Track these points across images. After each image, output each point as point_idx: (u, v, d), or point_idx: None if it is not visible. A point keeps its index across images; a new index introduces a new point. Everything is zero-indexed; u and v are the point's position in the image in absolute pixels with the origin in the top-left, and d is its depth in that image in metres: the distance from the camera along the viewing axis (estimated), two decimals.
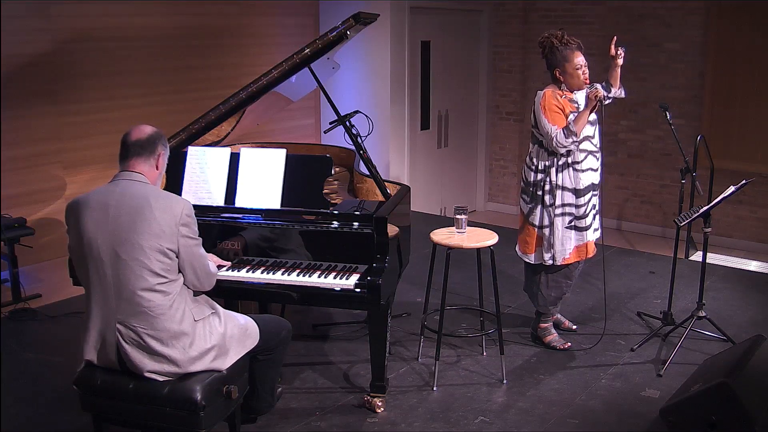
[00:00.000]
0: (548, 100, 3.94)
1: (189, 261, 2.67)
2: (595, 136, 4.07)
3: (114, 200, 2.61)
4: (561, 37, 3.96)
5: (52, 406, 3.52)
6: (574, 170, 3.97)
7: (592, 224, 4.10)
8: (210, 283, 2.80)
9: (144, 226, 2.56)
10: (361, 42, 6.58)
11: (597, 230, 4.18)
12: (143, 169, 2.71)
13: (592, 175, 4.05)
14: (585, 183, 3.99)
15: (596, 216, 4.16)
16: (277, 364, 3.17)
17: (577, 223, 4.01)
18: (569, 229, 4.00)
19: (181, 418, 2.63)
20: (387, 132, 6.90)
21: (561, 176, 3.98)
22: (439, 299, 3.77)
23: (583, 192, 4.00)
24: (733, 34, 6.36)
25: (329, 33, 3.52)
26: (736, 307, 4.85)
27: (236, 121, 4.01)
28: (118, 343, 2.61)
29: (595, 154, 4.07)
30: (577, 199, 3.99)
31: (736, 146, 6.45)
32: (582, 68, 3.95)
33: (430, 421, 3.39)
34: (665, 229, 7.06)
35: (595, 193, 4.10)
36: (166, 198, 2.64)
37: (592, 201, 4.07)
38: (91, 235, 2.59)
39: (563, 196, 3.98)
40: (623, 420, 3.44)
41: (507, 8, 7.77)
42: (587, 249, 4.08)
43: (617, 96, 4.23)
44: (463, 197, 7.98)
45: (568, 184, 3.98)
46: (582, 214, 4.01)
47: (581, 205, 4.00)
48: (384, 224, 3.22)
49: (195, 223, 2.69)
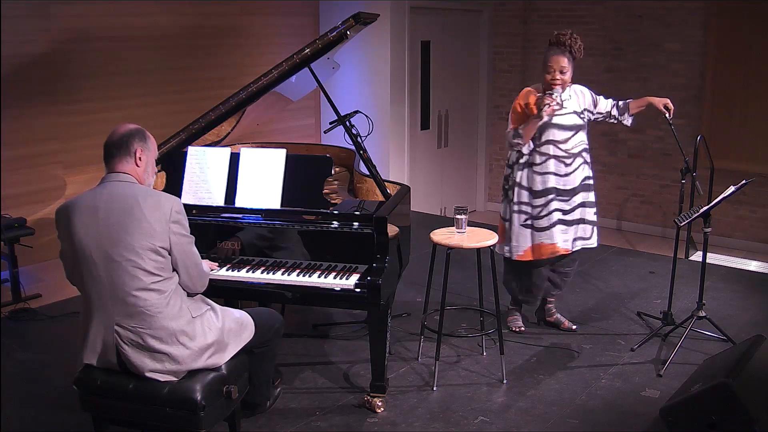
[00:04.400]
0: (518, 98, 4.10)
1: (182, 259, 2.66)
2: (570, 143, 4.04)
3: (102, 202, 2.60)
4: (554, 36, 4.03)
5: (52, 406, 3.52)
6: (532, 171, 4.08)
7: (556, 228, 4.08)
8: (203, 284, 2.80)
9: (134, 225, 2.56)
10: (361, 42, 6.58)
11: (581, 240, 4.19)
12: (126, 169, 2.70)
13: (555, 179, 4.06)
14: (542, 186, 4.06)
15: (579, 226, 4.16)
16: (271, 357, 3.18)
17: (534, 222, 4.11)
18: (524, 227, 4.13)
19: (181, 418, 2.63)
20: (387, 132, 6.90)
21: (520, 174, 4.12)
22: (439, 299, 3.77)
23: (540, 194, 4.07)
24: (733, 34, 6.36)
25: (329, 33, 3.52)
26: (736, 307, 4.85)
27: (236, 121, 4.01)
28: (118, 346, 2.61)
29: (564, 159, 4.05)
30: (533, 200, 4.09)
31: (736, 146, 6.45)
32: (553, 70, 3.97)
33: (430, 421, 3.39)
34: (665, 229, 7.06)
35: (562, 199, 4.09)
36: (155, 196, 2.64)
37: (553, 205, 4.07)
38: (82, 238, 2.58)
39: (520, 193, 4.12)
40: (623, 420, 3.44)
41: (507, 8, 7.77)
42: (541, 250, 4.10)
43: (623, 122, 4.23)
44: (463, 197, 7.98)
45: (525, 183, 4.11)
46: (537, 214, 4.09)
47: (537, 206, 4.09)
48: (384, 224, 3.22)
49: (186, 221, 2.67)
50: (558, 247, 4.11)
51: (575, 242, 4.18)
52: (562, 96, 3.97)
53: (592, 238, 4.23)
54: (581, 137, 4.09)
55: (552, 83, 3.98)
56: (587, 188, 4.17)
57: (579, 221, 4.16)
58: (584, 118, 4.11)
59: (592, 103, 4.16)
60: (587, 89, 4.19)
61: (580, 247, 4.21)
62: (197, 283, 2.76)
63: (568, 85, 4.05)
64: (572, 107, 4.06)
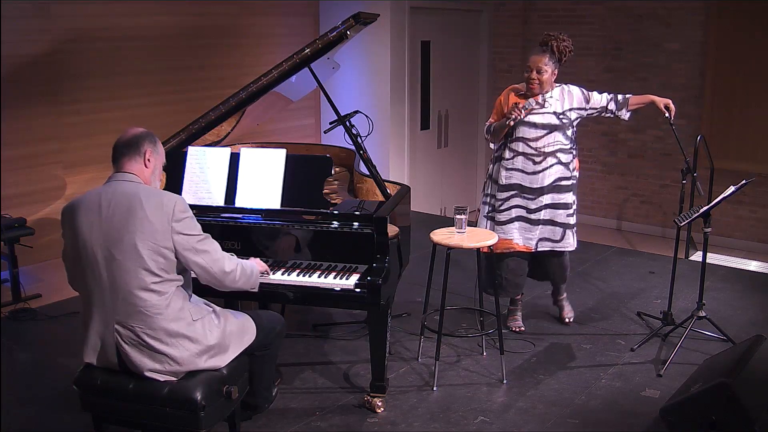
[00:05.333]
0: (501, 94, 4.24)
1: (193, 258, 2.64)
2: (541, 141, 4.06)
3: (106, 201, 2.60)
4: (542, 36, 4.11)
5: (52, 406, 3.52)
6: (500, 165, 4.18)
7: (514, 225, 4.12)
8: (233, 280, 2.77)
9: (136, 225, 2.56)
10: (361, 42, 6.59)
11: (549, 242, 4.15)
12: (134, 169, 2.70)
13: (521, 176, 4.10)
14: (506, 180, 4.13)
15: (546, 227, 4.14)
16: (273, 359, 3.17)
17: (495, 215, 4.20)
18: (486, 218, 4.26)
19: (181, 418, 2.63)
20: (387, 132, 6.90)
21: (491, 167, 4.27)
22: (439, 299, 3.77)
23: (504, 188, 4.15)
24: (733, 34, 6.36)
25: (329, 33, 3.52)
26: (736, 307, 4.85)
27: (236, 121, 4.01)
28: (118, 344, 2.61)
29: (533, 157, 4.07)
30: (497, 193, 4.18)
31: (736, 146, 6.45)
32: (530, 69, 4.05)
33: (430, 421, 3.39)
34: (665, 229, 7.06)
35: (526, 197, 4.11)
36: (158, 195, 2.63)
37: (514, 201, 4.12)
38: (85, 236, 2.59)
39: (490, 185, 4.27)
40: (623, 420, 3.44)
41: (507, 8, 7.77)
42: (497, 244, 3.92)
43: (621, 116, 4.22)
44: (463, 197, 7.98)
45: (494, 175, 4.23)
46: (498, 207, 4.17)
47: (499, 199, 4.17)
48: (384, 224, 3.22)
49: (192, 219, 2.66)
50: (514, 243, 4.14)
51: (541, 242, 4.15)
52: (545, 96, 4.05)
53: (564, 240, 4.16)
54: (556, 138, 4.06)
55: (529, 83, 4.05)
56: (559, 189, 4.12)
57: (547, 222, 4.14)
58: (564, 119, 4.07)
59: (582, 100, 4.13)
60: (578, 88, 4.17)
61: (549, 248, 4.17)
62: (224, 279, 2.74)
63: (554, 85, 4.09)
64: (553, 107, 4.06)
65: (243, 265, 2.86)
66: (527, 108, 3.99)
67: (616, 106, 4.17)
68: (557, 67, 4.09)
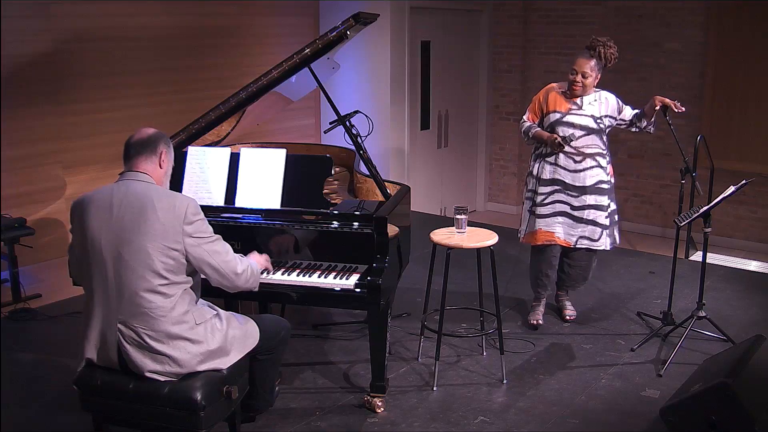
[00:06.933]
0: (540, 92, 4.37)
1: (203, 260, 2.64)
2: (580, 141, 4.18)
3: (118, 200, 2.60)
4: (590, 40, 4.20)
5: (52, 406, 3.52)
6: (544, 161, 4.29)
7: (557, 218, 4.26)
8: (245, 280, 2.78)
9: (147, 226, 2.55)
10: (361, 42, 6.58)
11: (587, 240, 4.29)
12: (147, 168, 2.70)
13: (564, 173, 4.22)
14: (550, 175, 4.26)
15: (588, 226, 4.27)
16: (276, 364, 3.17)
17: (536, 209, 4.32)
18: (529, 212, 4.38)
19: (181, 418, 2.63)
20: (387, 132, 6.90)
21: (533, 165, 4.37)
22: (439, 299, 3.77)
23: (546, 183, 4.27)
24: (733, 34, 6.36)
25: (329, 33, 3.52)
26: (736, 307, 4.85)
27: (236, 121, 4.01)
28: (119, 343, 2.60)
29: (573, 156, 4.21)
30: (539, 187, 4.30)
31: (736, 146, 6.45)
32: (576, 72, 4.15)
33: (430, 421, 3.39)
34: (665, 229, 7.06)
35: (570, 194, 4.23)
36: (170, 197, 2.63)
37: (557, 196, 4.24)
38: (94, 234, 2.59)
39: (530, 181, 4.38)
40: (623, 420, 3.44)
41: (507, 8, 7.76)
42: (537, 236, 4.30)
43: (647, 129, 4.29)
44: (463, 197, 7.98)
45: (535, 173, 4.34)
46: (540, 202, 4.28)
47: (541, 194, 4.29)
48: (384, 224, 3.22)
49: (204, 221, 2.66)
50: (555, 236, 4.26)
51: (580, 240, 4.28)
52: (583, 106, 4.19)
53: (600, 240, 4.30)
54: (594, 140, 4.21)
55: (573, 84, 4.16)
56: (601, 192, 4.25)
57: (590, 222, 4.26)
58: (601, 123, 4.20)
59: (616, 110, 4.26)
60: (614, 96, 4.29)
61: (585, 246, 4.31)
62: (236, 281, 2.75)
63: (593, 89, 4.20)
64: (591, 111, 4.19)
65: (251, 264, 2.86)
66: (567, 144, 4.16)
67: (638, 120, 4.26)
68: (600, 73, 4.19)
